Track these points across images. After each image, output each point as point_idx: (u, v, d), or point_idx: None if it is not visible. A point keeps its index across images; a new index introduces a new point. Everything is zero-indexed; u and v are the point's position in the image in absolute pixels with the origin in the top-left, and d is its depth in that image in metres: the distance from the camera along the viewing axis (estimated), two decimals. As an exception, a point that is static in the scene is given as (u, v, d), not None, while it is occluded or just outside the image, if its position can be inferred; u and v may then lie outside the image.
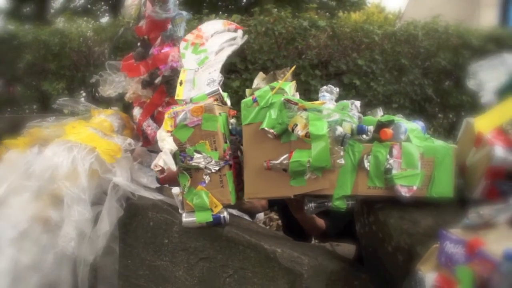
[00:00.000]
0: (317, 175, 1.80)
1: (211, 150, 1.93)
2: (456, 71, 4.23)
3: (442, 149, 1.82)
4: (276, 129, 1.81)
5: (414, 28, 4.16)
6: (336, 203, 1.84)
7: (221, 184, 1.94)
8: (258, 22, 4.06)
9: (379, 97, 4.09)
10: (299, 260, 1.85)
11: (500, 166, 1.71)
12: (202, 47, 2.38)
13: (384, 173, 1.79)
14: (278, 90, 1.89)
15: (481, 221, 1.39)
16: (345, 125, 1.79)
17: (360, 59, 3.96)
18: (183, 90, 2.26)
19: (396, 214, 1.85)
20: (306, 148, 1.77)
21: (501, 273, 1.10)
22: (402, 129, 1.83)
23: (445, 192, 1.82)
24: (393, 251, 1.87)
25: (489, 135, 1.80)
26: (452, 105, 4.25)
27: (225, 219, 1.96)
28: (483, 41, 4.23)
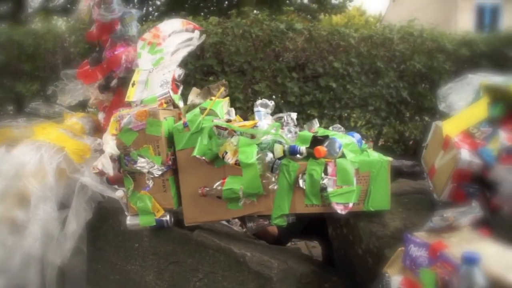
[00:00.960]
0: (252, 200, 1.82)
1: (154, 154, 1.93)
2: (431, 74, 4.27)
3: (377, 163, 1.84)
4: (208, 155, 1.82)
5: (390, 32, 4.20)
6: (275, 221, 1.86)
7: (164, 188, 1.94)
8: (235, 24, 4.04)
9: (355, 100, 4.11)
10: (269, 263, 1.84)
11: (465, 169, 1.73)
12: (158, 47, 2.38)
13: (319, 191, 1.80)
14: (209, 112, 1.91)
15: (444, 224, 1.41)
16: (277, 148, 1.81)
17: (336, 62, 3.97)
18: (134, 92, 2.25)
19: (365, 217, 1.87)
20: (238, 174, 1.78)
21: (459, 276, 1.11)
22: (337, 145, 1.84)
23: (382, 205, 1.86)
24: (363, 253, 1.89)
25: (456, 138, 1.83)
26: (427, 108, 4.30)
27: (168, 223, 1.97)
28: (457, 45, 4.29)
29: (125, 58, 2.42)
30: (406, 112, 4.44)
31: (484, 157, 1.73)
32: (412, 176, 2.42)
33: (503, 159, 1.76)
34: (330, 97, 4.05)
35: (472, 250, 1.21)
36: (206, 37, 4.02)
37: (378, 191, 1.84)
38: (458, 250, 1.26)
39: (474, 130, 1.88)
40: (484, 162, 1.73)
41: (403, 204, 1.95)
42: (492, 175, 1.72)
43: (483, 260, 1.17)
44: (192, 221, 1.97)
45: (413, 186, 2.28)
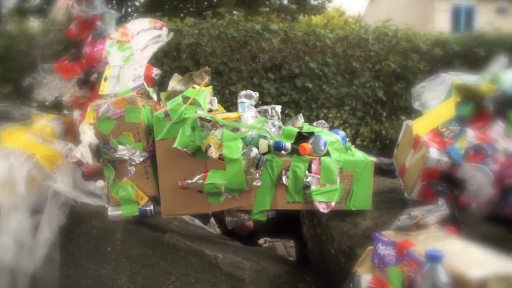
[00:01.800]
0: (234, 195, 1.79)
1: (135, 141, 1.90)
2: (406, 74, 4.32)
3: (361, 163, 1.85)
4: (190, 147, 1.77)
5: (365, 32, 4.24)
6: (255, 216, 1.86)
7: (146, 175, 1.91)
8: (210, 25, 4.03)
9: (332, 100, 4.13)
10: (241, 265, 1.84)
11: (434, 168, 1.76)
12: (127, 44, 2.38)
13: (302, 189, 1.80)
14: (192, 102, 1.86)
15: (411, 222, 1.42)
16: (262, 143, 1.79)
17: (312, 62, 3.99)
18: (107, 86, 2.24)
19: (337, 217, 1.88)
20: (221, 168, 1.74)
21: (423, 273, 1.12)
22: (322, 142, 1.84)
23: (363, 205, 1.87)
24: (335, 253, 1.90)
25: (425, 137, 1.85)
26: (403, 107, 4.35)
27: (152, 212, 1.93)
28: (431, 45, 4.35)
29: (104, 55, 2.41)
30: (382, 111, 4.49)
31: (452, 156, 1.76)
32: (391, 173, 2.44)
33: (470, 157, 1.79)
34: (306, 98, 4.06)
35: (436, 248, 1.22)
36: (182, 38, 4.02)
37: (360, 191, 1.85)
38: (424, 248, 1.27)
39: (443, 129, 1.90)
40: (452, 160, 1.76)
41: (375, 203, 1.96)
42: (460, 173, 1.75)
43: (447, 257, 1.18)
44: (169, 213, 1.93)
45: (386, 185, 2.30)
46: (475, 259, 1.24)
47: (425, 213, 1.44)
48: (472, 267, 1.16)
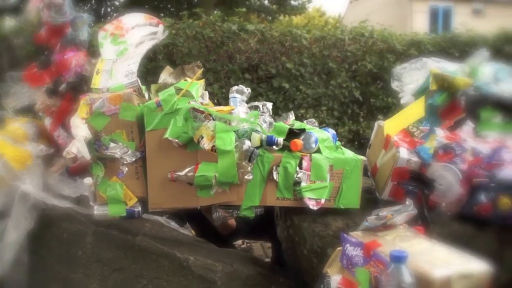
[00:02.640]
0: (224, 188, 1.77)
1: (128, 140, 1.86)
2: (382, 74, 4.37)
3: (351, 161, 1.84)
4: (181, 138, 1.74)
5: (341, 33, 4.27)
6: (244, 212, 1.83)
7: (137, 175, 1.88)
8: (186, 26, 4.02)
9: (308, 100, 4.15)
10: (213, 267, 1.82)
11: (404, 167, 1.77)
12: (121, 38, 2.32)
13: (293, 185, 1.79)
14: (184, 93, 1.83)
15: (379, 223, 1.42)
16: (254, 136, 1.76)
17: (289, 63, 4.00)
18: (99, 79, 2.18)
19: (309, 218, 1.87)
20: (212, 160, 1.71)
21: (388, 274, 1.12)
22: (313, 139, 1.83)
23: (352, 203, 1.86)
24: (308, 253, 1.89)
25: (396, 137, 1.87)
26: (379, 107, 4.39)
27: (139, 214, 1.91)
28: (406, 45, 4.41)
29: (75, 63, 2.34)
30: (359, 111, 4.52)
31: (422, 155, 1.77)
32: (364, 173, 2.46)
33: (439, 156, 1.81)
34: (283, 98, 4.08)
35: (401, 249, 1.23)
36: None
37: (349, 189, 1.84)
38: (391, 248, 1.28)
39: (413, 129, 1.92)
40: (421, 160, 1.77)
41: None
42: (429, 173, 1.77)
43: (413, 257, 1.19)
44: (156, 206, 1.90)
45: (360, 185, 2.32)
46: (441, 258, 1.24)
47: (393, 213, 1.45)
48: (437, 266, 1.17)
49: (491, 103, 2.36)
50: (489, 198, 1.80)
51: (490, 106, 2.36)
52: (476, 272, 1.20)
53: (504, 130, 2.28)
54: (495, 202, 1.80)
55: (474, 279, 1.18)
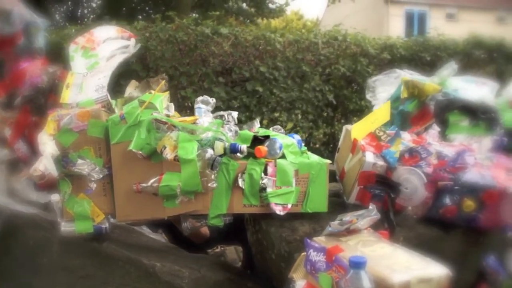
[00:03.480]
0: (189, 198, 1.77)
1: (95, 156, 1.85)
2: (355, 77, 4.40)
3: (316, 165, 1.85)
4: (145, 150, 1.75)
5: (315, 36, 4.29)
6: (212, 221, 1.83)
7: (104, 192, 1.87)
8: (159, 29, 3.98)
9: (282, 104, 4.16)
10: (180, 273, 1.81)
11: (370, 171, 1.78)
12: (92, 51, 2.28)
13: (259, 191, 1.79)
14: (148, 105, 1.84)
15: (342, 228, 1.43)
16: (217, 145, 1.78)
17: (262, 66, 4.00)
18: (69, 94, 2.14)
19: (277, 222, 1.87)
20: (176, 170, 1.72)
21: (347, 280, 1.12)
22: (277, 145, 1.84)
23: (320, 207, 1.86)
24: (276, 258, 1.89)
25: (362, 141, 1.88)
26: (353, 110, 4.42)
27: (107, 230, 1.89)
28: (379, 49, 4.45)
29: (30, 74, 2.28)
30: (333, 114, 4.55)
31: (388, 159, 1.78)
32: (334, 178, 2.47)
33: (405, 160, 1.83)
34: (257, 101, 4.08)
35: (361, 254, 1.23)
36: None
37: (316, 193, 1.85)
38: (353, 253, 1.28)
39: (380, 133, 1.93)
40: (387, 164, 1.78)
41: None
42: (395, 176, 1.78)
43: (373, 262, 1.19)
44: (124, 218, 1.89)
45: (330, 189, 2.32)
46: (401, 263, 1.25)
47: (357, 218, 1.45)
48: (396, 271, 1.17)
49: (458, 107, 2.41)
50: (453, 201, 1.82)
51: (457, 110, 2.41)
52: (435, 276, 1.21)
53: (470, 133, 2.33)
54: (459, 204, 1.82)
55: (433, 283, 1.19)
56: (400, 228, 1.82)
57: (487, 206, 1.84)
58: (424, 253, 1.77)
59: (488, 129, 2.32)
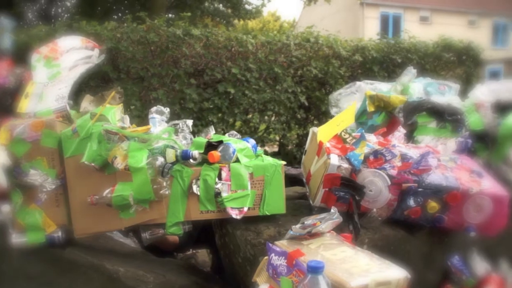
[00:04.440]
0: (144, 207, 1.76)
1: (48, 167, 1.82)
2: (327, 79, 4.42)
3: (271, 167, 1.86)
4: (97, 161, 1.75)
5: (287, 38, 4.29)
6: (170, 230, 1.82)
7: (57, 203, 1.84)
8: (130, 30, 3.93)
9: (254, 105, 4.15)
10: (144, 278, 1.78)
11: (335, 174, 1.78)
12: (55, 61, 2.26)
13: (214, 197, 1.79)
14: (99, 118, 1.83)
15: (304, 231, 1.42)
16: (169, 152, 1.78)
17: (234, 68, 3.98)
18: (27, 103, 2.11)
19: (242, 226, 1.86)
20: (129, 180, 1.73)
21: (305, 285, 1.12)
22: (231, 150, 1.84)
23: (277, 209, 1.87)
24: (242, 261, 1.88)
25: (328, 144, 1.88)
26: (325, 112, 4.43)
27: (59, 239, 1.85)
28: (351, 51, 4.48)
29: None
30: (305, 116, 4.56)
31: (352, 162, 1.79)
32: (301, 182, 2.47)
33: (370, 162, 1.83)
34: (229, 103, 4.05)
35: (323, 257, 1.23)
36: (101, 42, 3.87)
37: (272, 195, 1.85)
38: (314, 257, 1.28)
39: (346, 136, 1.94)
40: (352, 166, 1.79)
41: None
42: (359, 179, 1.79)
43: (333, 266, 1.19)
44: (82, 232, 1.85)
45: (296, 190, 2.32)
46: (360, 266, 1.25)
47: (319, 221, 1.45)
48: (354, 275, 1.17)
49: (426, 109, 2.44)
50: (418, 203, 1.84)
51: (425, 112, 2.44)
52: (394, 279, 1.21)
53: (438, 135, 2.36)
54: (424, 206, 1.84)
55: (392, 287, 1.20)
56: (366, 230, 1.83)
57: (450, 207, 1.87)
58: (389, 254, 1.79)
59: (454, 131, 2.36)
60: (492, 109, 2.36)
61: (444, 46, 5.03)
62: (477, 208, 1.88)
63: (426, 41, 5.00)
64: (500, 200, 1.89)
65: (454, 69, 5.04)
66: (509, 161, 2.22)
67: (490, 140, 2.28)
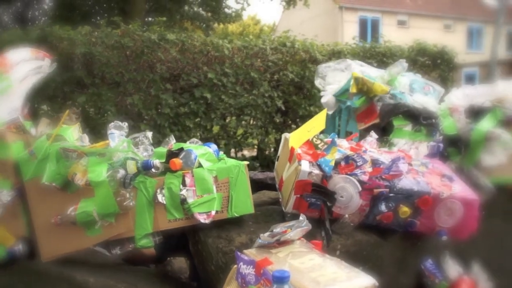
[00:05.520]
0: (109, 221, 1.74)
1: (2, 179, 1.78)
2: (304, 84, 4.43)
3: (234, 168, 1.85)
4: (58, 181, 1.72)
5: (263, 43, 4.28)
6: (140, 243, 1.79)
7: (15, 215, 1.79)
8: (105, 34, 3.88)
9: (231, 110, 4.13)
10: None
11: (306, 180, 1.77)
12: (5, 75, 2.23)
13: (180, 204, 1.77)
14: (57, 138, 1.82)
15: (272, 240, 1.41)
16: (129, 164, 1.76)
17: (210, 73, 3.97)
18: None
19: (214, 233, 1.85)
20: (92, 196, 1.71)
21: (271, 294, 1.11)
22: (193, 156, 1.83)
23: (245, 209, 1.86)
24: (215, 269, 1.86)
25: (299, 150, 1.87)
26: (302, 116, 4.45)
27: (20, 251, 1.80)
28: (327, 55, 4.50)
29: None
30: (282, 120, 4.56)
31: (323, 168, 1.78)
32: (276, 188, 2.46)
33: (341, 168, 1.83)
34: (205, 108, 4.03)
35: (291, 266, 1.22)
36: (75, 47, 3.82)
37: (239, 196, 1.85)
38: (281, 266, 1.27)
39: (317, 141, 1.93)
40: (323, 172, 1.78)
41: (255, 216, 1.95)
42: (331, 185, 1.78)
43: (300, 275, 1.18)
44: (49, 255, 1.81)
45: (271, 196, 2.31)
46: (328, 275, 1.24)
47: (289, 228, 1.44)
48: (321, 284, 1.16)
49: (402, 112, 2.46)
50: (389, 208, 1.84)
51: (402, 115, 2.46)
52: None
53: (413, 138, 2.38)
54: (395, 211, 1.85)
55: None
56: (338, 236, 1.83)
57: (422, 211, 1.87)
58: (362, 260, 1.80)
59: (429, 135, 2.38)
60: (465, 114, 2.38)
61: (419, 50, 5.10)
62: (448, 212, 1.89)
63: (401, 45, 5.06)
64: (470, 204, 1.90)
65: (429, 73, 5.11)
66: (481, 166, 2.24)
67: (462, 145, 2.31)
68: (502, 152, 2.19)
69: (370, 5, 19.82)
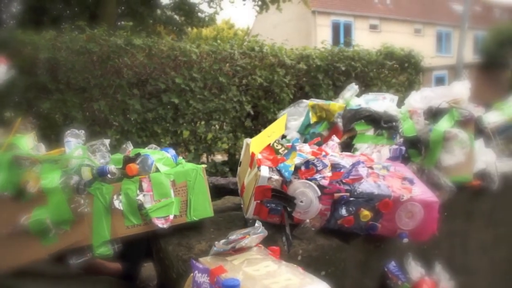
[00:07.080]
0: (64, 229, 1.70)
1: None
2: (273, 88, 4.43)
3: (192, 172, 1.84)
4: (10, 190, 1.67)
5: (231, 47, 4.28)
6: (99, 251, 1.75)
7: None
8: (69, 39, 3.82)
9: (199, 115, 4.11)
10: (71, 300, 1.70)
11: (266, 186, 1.76)
12: None
13: (138, 209, 1.75)
14: (8, 147, 1.77)
15: (227, 247, 1.39)
16: (84, 170, 1.73)
17: (178, 78, 3.94)
18: None
19: (175, 241, 1.82)
20: (45, 204, 1.67)
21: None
22: (149, 161, 1.81)
23: (204, 213, 1.85)
24: (177, 277, 1.83)
25: (260, 155, 1.86)
26: (271, 120, 4.44)
27: None
28: (296, 59, 4.52)
29: None
30: (251, 125, 4.55)
31: (283, 173, 1.77)
32: (238, 193, 2.45)
33: (301, 173, 1.83)
34: (173, 113, 4.00)
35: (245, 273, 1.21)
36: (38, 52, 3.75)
37: (198, 199, 1.83)
38: (235, 274, 1.25)
39: (278, 147, 1.93)
40: (282, 178, 1.77)
41: (217, 223, 1.93)
42: (290, 190, 1.77)
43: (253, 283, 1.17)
44: (2, 267, 1.74)
45: (235, 202, 2.30)
46: (281, 282, 1.23)
47: (245, 235, 1.42)
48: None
49: (364, 117, 2.47)
50: (350, 212, 1.84)
51: (363, 120, 2.48)
52: (314, 294, 1.20)
53: (375, 142, 2.39)
54: (356, 215, 1.85)
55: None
56: (300, 241, 1.82)
57: (383, 214, 1.88)
58: (325, 264, 1.80)
59: (390, 138, 2.40)
60: (424, 116, 2.41)
61: (386, 54, 5.16)
62: (408, 214, 1.90)
63: (369, 49, 5.12)
64: (430, 206, 1.92)
65: (397, 76, 5.18)
66: (441, 166, 2.27)
67: (422, 146, 2.33)
68: (460, 151, 2.23)
69: (342, 9, 20.09)
